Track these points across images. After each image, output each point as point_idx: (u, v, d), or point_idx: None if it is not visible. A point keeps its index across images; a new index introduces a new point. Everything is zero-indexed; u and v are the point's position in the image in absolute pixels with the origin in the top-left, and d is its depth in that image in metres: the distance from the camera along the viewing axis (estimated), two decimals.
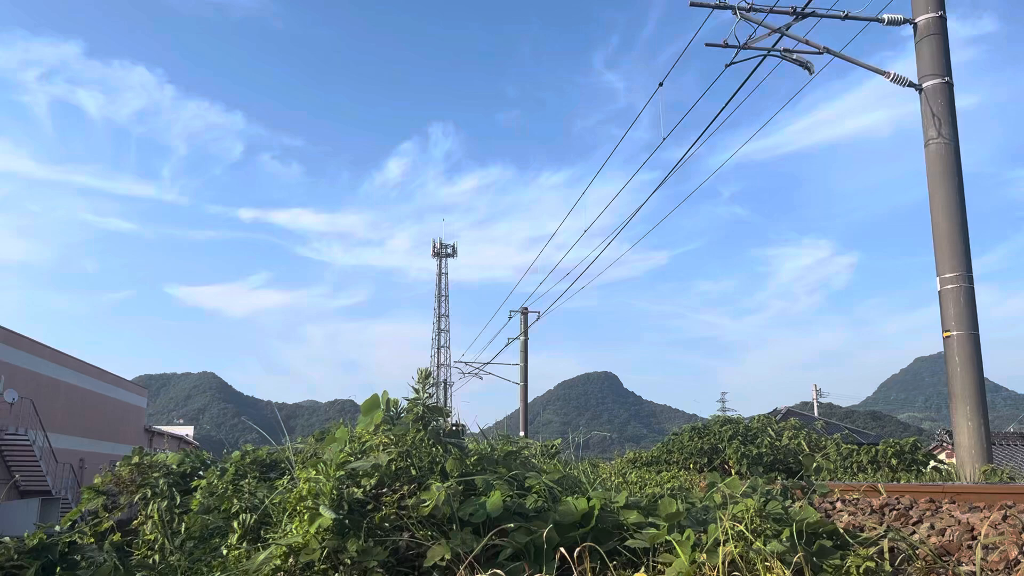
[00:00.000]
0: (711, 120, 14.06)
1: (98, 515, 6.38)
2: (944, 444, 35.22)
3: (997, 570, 4.18)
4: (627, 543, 4.03)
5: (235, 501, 5.02)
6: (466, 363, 51.49)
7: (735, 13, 13.14)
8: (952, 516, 5.29)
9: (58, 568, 4.77)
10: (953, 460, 12.40)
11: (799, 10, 13.00)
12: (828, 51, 13.20)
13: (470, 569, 3.80)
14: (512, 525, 4.03)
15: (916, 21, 12.82)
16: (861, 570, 3.72)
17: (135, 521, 6.27)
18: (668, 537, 3.90)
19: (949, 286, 12.03)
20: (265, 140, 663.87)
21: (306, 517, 4.05)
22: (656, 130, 16.94)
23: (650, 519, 4.24)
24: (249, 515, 4.79)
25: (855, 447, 15.70)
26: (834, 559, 3.81)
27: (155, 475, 6.32)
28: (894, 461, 14.12)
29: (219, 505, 5.23)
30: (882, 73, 13.11)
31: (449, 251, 75.53)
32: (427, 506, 4.07)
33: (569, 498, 4.33)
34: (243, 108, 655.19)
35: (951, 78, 12.59)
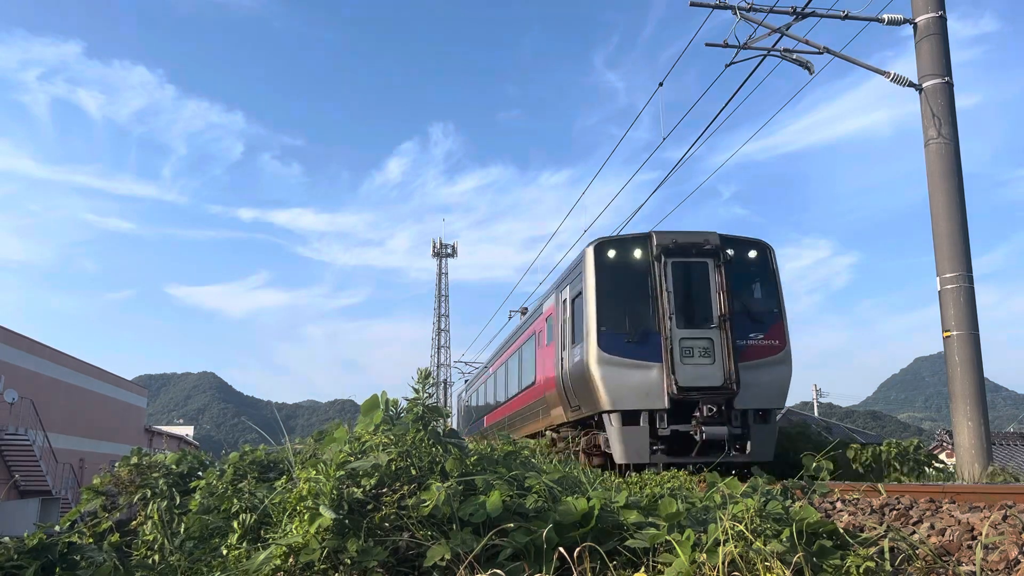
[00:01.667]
0: (711, 120, 14.07)
1: (97, 515, 6.37)
2: (944, 444, 35.21)
3: (997, 570, 4.18)
4: (627, 543, 4.02)
5: (235, 501, 5.01)
6: (466, 363, 51.51)
7: (735, 13, 13.15)
8: (952, 516, 5.29)
9: (57, 568, 4.77)
10: (953, 460, 12.39)
11: (799, 10, 12.99)
12: (828, 51, 13.19)
13: (470, 569, 3.79)
14: (512, 525, 4.03)
15: (916, 21, 12.81)
16: (861, 570, 3.71)
17: (134, 522, 6.27)
18: (668, 537, 3.90)
19: (949, 286, 12.03)
20: (265, 140, 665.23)
21: (306, 517, 4.05)
22: (656, 130, 16.85)
23: (650, 519, 4.23)
24: (249, 515, 4.78)
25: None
26: (834, 559, 3.81)
27: (154, 475, 6.32)
28: (896, 464, 14.08)
29: (219, 505, 5.23)
30: (882, 73, 13.10)
31: (449, 251, 75.45)
32: (427, 506, 4.07)
33: (569, 498, 4.32)
34: (243, 108, 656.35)
35: (951, 78, 12.59)
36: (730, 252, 12.93)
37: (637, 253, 12.91)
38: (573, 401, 13.73)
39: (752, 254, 13.31)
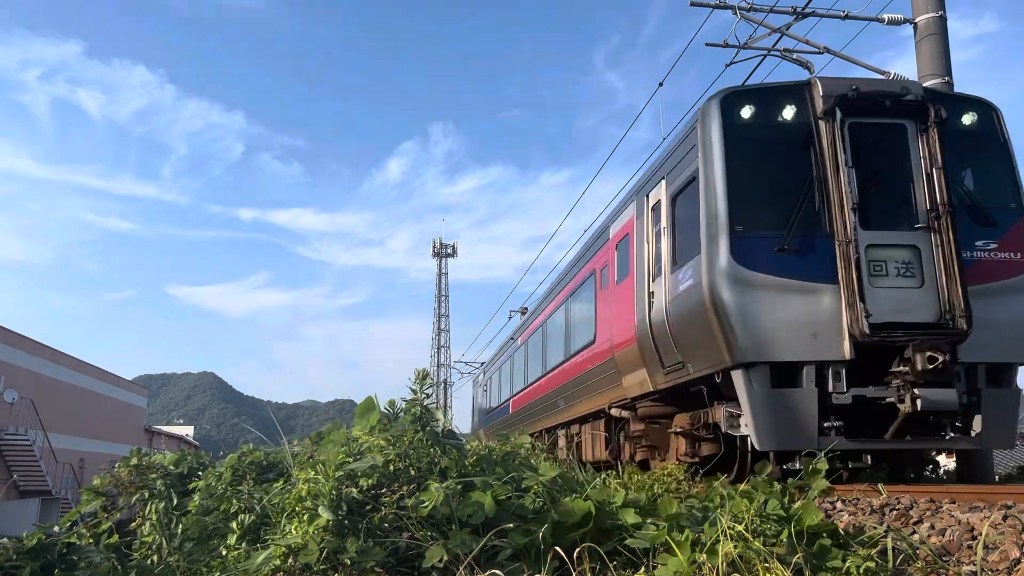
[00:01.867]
0: None
1: (97, 516, 6.37)
2: None
3: (997, 570, 4.17)
4: (626, 543, 4.02)
5: (234, 502, 5.01)
6: (466, 363, 51.57)
7: (735, 13, 13.14)
8: (952, 516, 5.28)
9: (56, 569, 4.76)
10: (953, 460, 12.38)
11: (799, 10, 12.99)
12: (828, 51, 13.19)
13: (469, 570, 3.79)
14: (511, 526, 4.03)
15: (916, 21, 12.81)
16: (861, 570, 3.71)
17: (133, 523, 6.27)
18: (667, 537, 3.90)
19: None
20: (265, 140, 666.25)
21: (305, 517, 4.05)
22: (656, 130, 16.77)
23: (650, 519, 4.23)
24: (248, 516, 4.78)
25: None
26: (834, 559, 3.80)
27: (153, 476, 6.32)
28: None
29: (217, 506, 5.23)
30: (882, 73, 13.09)
31: (449, 251, 75.44)
32: (426, 507, 4.07)
33: (568, 498, 4.32)
34: (243, 108, 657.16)
35: (951, 78, 12.58)
36: (942, 112, 8.03)
37: (789, 112, 8.21)
38: (670, 358, 9.23)
39: (971, 118, 8.50)
